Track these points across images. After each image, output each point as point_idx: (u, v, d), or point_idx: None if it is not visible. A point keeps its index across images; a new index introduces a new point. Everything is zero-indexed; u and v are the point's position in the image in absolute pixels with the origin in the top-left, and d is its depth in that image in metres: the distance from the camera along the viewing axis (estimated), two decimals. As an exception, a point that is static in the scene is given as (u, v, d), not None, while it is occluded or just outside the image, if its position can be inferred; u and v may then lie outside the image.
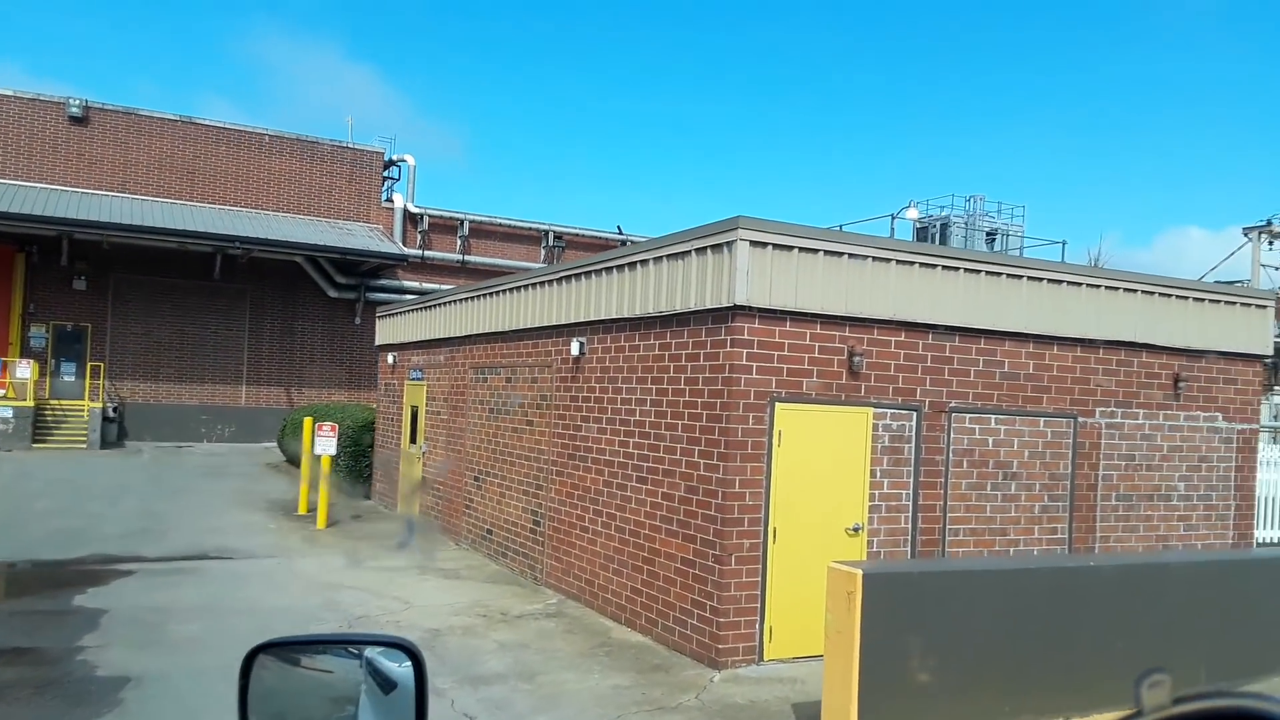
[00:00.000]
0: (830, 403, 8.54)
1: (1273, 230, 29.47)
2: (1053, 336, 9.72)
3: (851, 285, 8.57)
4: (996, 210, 56.87)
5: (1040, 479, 9.73)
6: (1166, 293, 10.42)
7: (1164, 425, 10.48)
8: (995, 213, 57.19)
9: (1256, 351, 11.11)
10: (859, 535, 8.69)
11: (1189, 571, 6.89)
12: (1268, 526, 12.15)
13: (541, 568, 11.12)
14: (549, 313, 11.23)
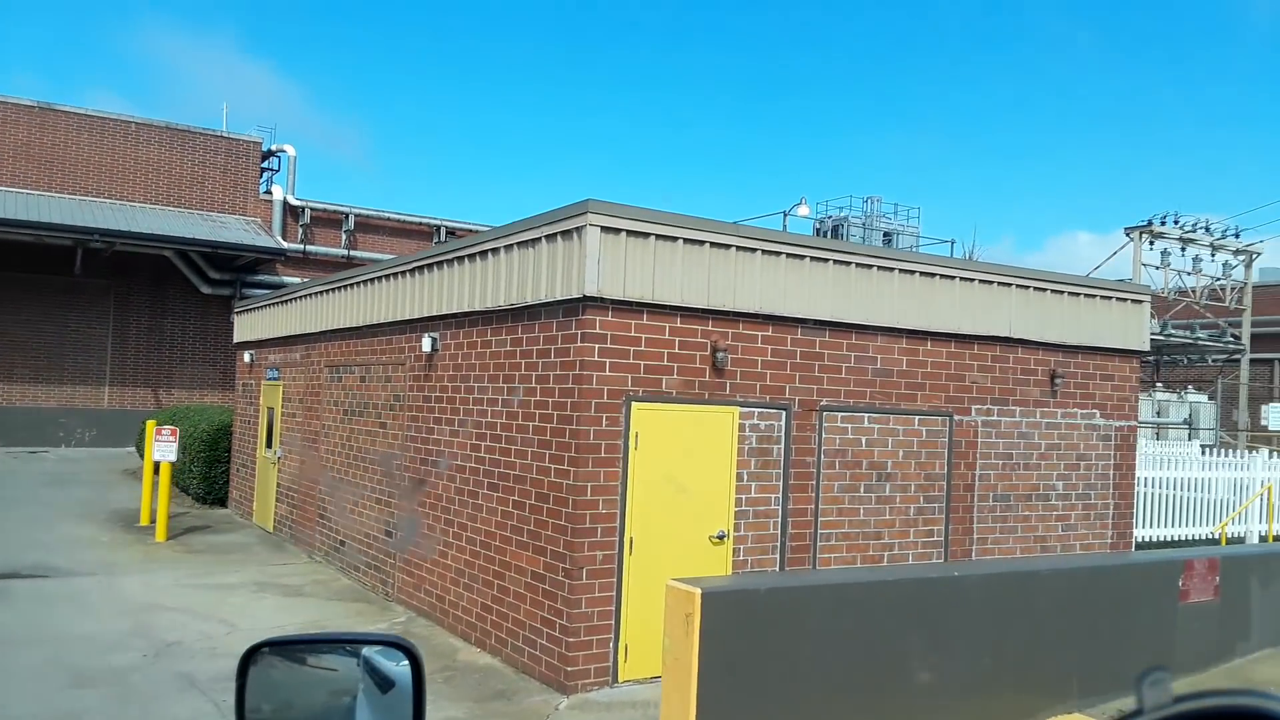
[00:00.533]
0: (692, 402, 7.92)
1: (1153, 230, 30.26)
2: (927, 332, 9.33)
3: (715, 276, 7.97)
4: (893, 212, 57.79)
5: (916, 480, 9.32)
6: (1042, 287, 10.15)
7: (1041, 423, 10.22)
8: (892, 214, 58.19)
9: (1134, 347, 10.97)
10: (724, 543, 8.10)
11: (1059, 579, 6.49)
12: (1149, 525, 12.13)
13: (393, 582, 10.25)
14: (402, 306, 10.36)
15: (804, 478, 8.59)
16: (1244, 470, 12.55)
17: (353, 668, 1.86)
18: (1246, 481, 12.57)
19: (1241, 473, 12.53)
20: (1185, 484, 12.61)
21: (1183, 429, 28.97)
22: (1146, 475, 11.91)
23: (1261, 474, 12.54)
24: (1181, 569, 7.13)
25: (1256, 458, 12.74)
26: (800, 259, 8.47)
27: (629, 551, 7.55)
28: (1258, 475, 12.53)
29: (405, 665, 1.79)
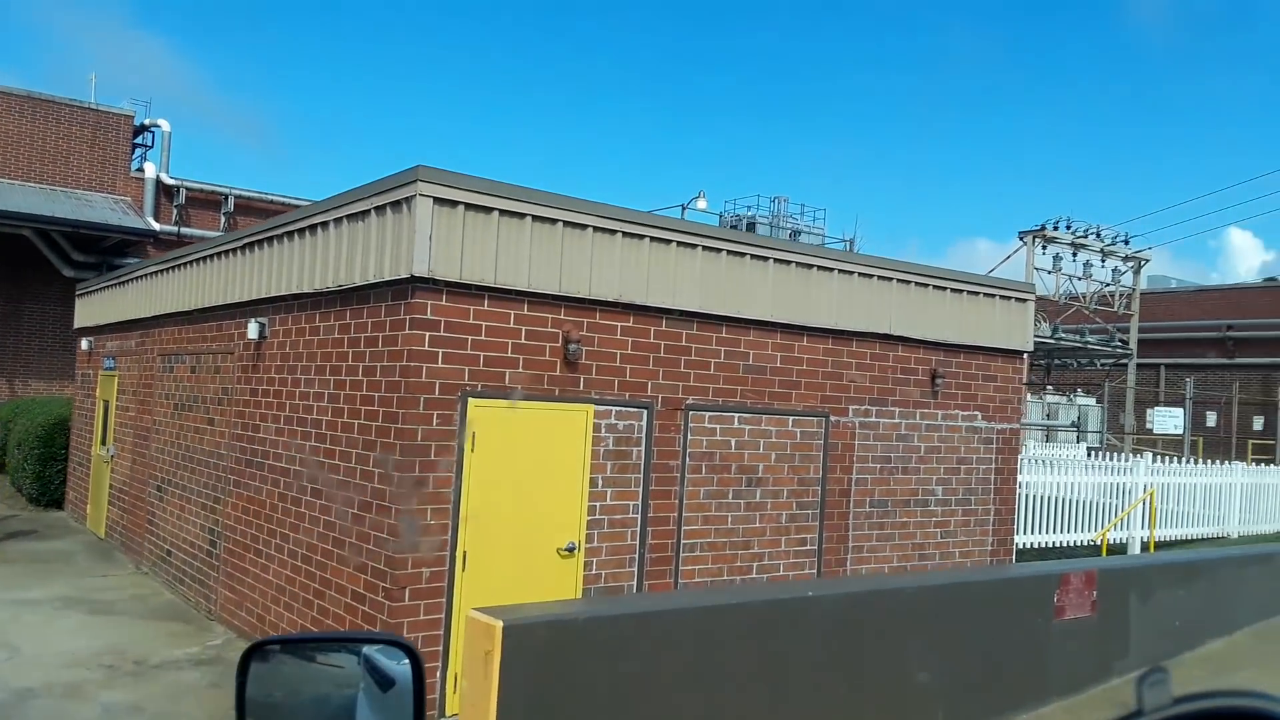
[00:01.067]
0: (541, 398, 7.12)
1: (1045, 235, 30.72)
2: (803, 326, 8.72)
3: (569, 259, 7.19)
4: (799, 212, 58.03)
5: (789, 484, 8.71)
6: (924, 283, 9.66)
7: (922, 425, 9.74)
8: (798, 214, 58.42)
9: (1017, 347, 10.60)
10: (574, 556, 7.33)
11: (923, 597, 5.90)
12: (1038, 530, 11.82)
13: (216, 599, 9.18)
14: (232, 287, 9.30)
15: (667, 483, 7.88)
16: (1127, 475, 12.39)
17: (353, 666, 1.87)
18: (1129, 486, 12.41)
19: (1124, 477, 12.37)
20: (1069, 488, 12.36)
21: (1071, 432, 29.46)
22: (1028, 480, 11.61)
23: (1144, 479, 12.40)
24: (1057, 583, 6.64)
25: (1139, 463, 12.60)
26: (666, 244, 7.75)
27: (462, 568, 6.70)
28: (1139, 480, 12.39)
29: (406, 664, 1.79)
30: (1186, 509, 13.36)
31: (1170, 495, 13.15)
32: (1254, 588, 8.52)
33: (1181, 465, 14.44)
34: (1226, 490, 13.91)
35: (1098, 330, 33.61)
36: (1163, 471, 13.09)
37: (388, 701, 1.81)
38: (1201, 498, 13.61)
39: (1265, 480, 14.53)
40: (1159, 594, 7.51)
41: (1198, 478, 13.42)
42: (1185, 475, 13.32)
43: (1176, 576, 7.69)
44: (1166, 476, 12.96)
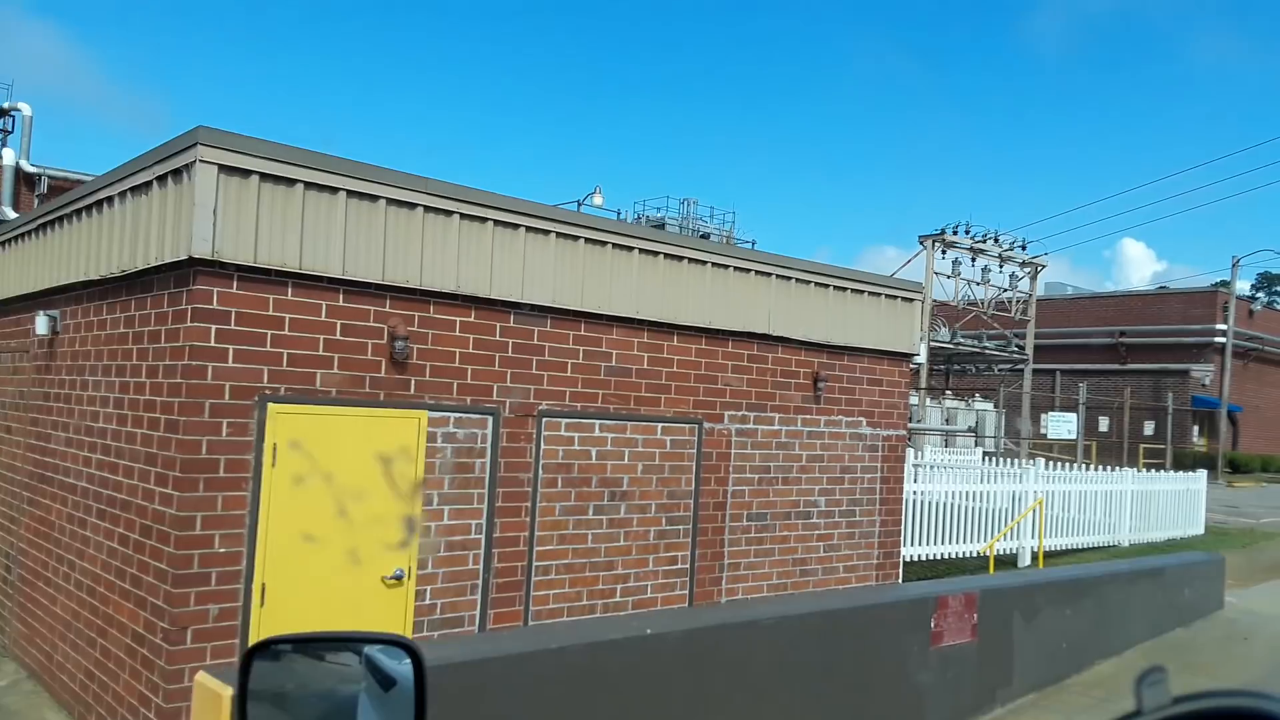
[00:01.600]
0: (361, 403, 6.20)
1: (945, 239, 30.84)
2: (673, 325, 7.98)
3: (396, 243, 6.29)
4: (709, 215, 57.82)
5: (657, 498, 7.95)
6: (806, 279, 9.04)
7: (803, 432, 9.10)
8: (708, 216, 58.17)
9: (904, 350, 10.07)
10: (404, 585, 6.41)
11: (785, 629, 5.19)
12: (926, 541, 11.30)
13: (10, 631, 7.98)
14: (27, 276, 8.12)
15: (516, 498, 7.03)
16: (1018, 483, 12.03)
17: (355, 666, 1.88)
18: (1020, 494, 12.07)
19: (1015, 485, 12.01)
20: (959, 497, 11.93)
21: (970, 436, 29.59)
22: (917, 489, 11.13)
23: (1034, 486, 12.07)
24: (934, 607, 6.01)
25: (1030, 470, 12.28)
26: (514, 229, 6.91)
27: (260, 604, 5.73)
28: (1030, 488, 12.04)
29: (407, 664, 1.77)
30: (1077, 516, 13.09)
31: (1061, 503, 12.86)
32: (1144, 604, 8.10)
33: (1072, 472, 14.23)
34: (1117, 498, 13.71)
35: (996, 336, 34.02)
36: (1054, 479, 12.78)
37: (389, 701, 1.81)
38: (1092, 505, 13.37)
39: (1155, 487, 14.41)
40: (1045, 614, 6.98)
41: (1088, 485, 13.17)
42: (1076, 483, 13.05)
43: (1063, 595, 7.18)
44: (1057, 484, 12.66)
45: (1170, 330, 41.90)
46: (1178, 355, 41.82)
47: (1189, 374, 40.78)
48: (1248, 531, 15.80)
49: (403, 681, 1.77)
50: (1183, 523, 15.02)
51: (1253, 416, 43.97)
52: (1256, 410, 44.44)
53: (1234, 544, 14.30)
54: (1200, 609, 8.90)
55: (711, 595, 8.38)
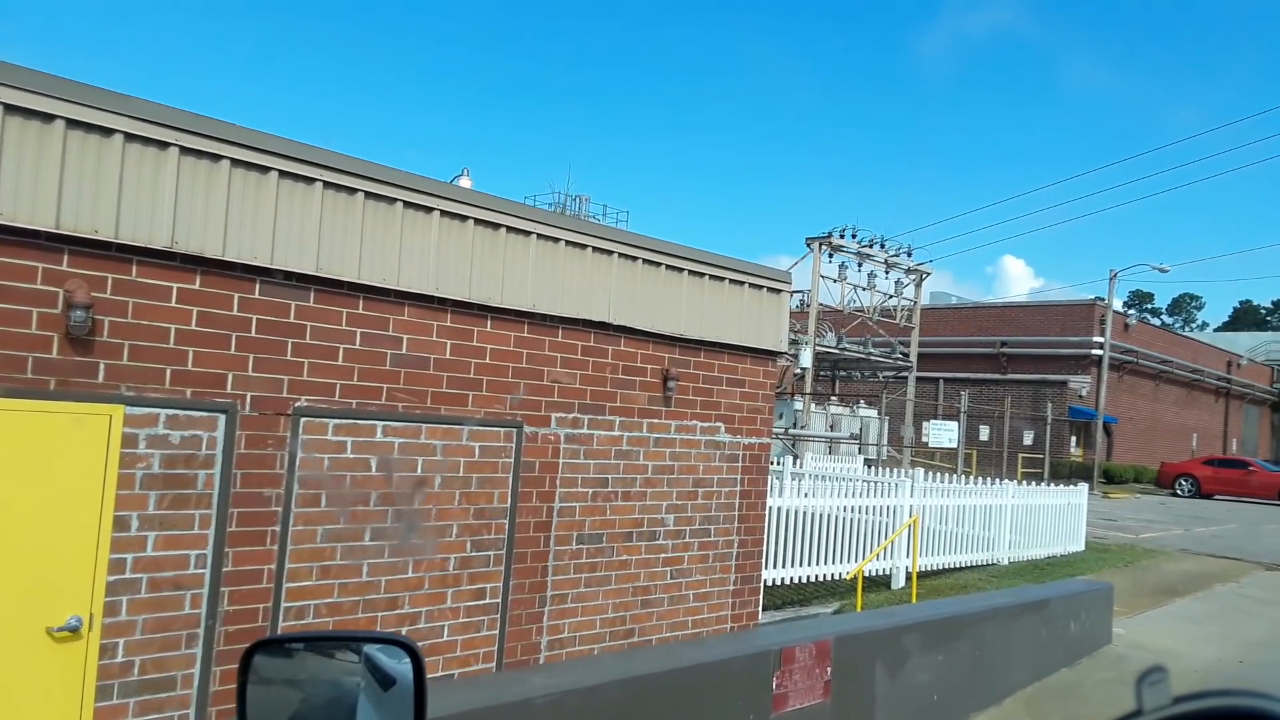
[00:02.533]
0: (24, 394, 4.55)
1: (832, 243, 30.24)
2: (486, 307, 6.55)
3: (77, 180, 4.66)
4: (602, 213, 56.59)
5: (461, 518, 6.49)
6: (655, 260, 7.72)
7: (650, 438, 7.77)
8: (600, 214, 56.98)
9: (770, 347, 8.86)
10: (83, 638, 4.78)
11: (573, 704, 3.79)
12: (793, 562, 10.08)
13: None
14: None
15: (259, 521, 5.46)
16: (893, 496, 10.97)
17: (354, 665, 1.88)
18: (895, 508, 11.04)
19: (890, 499, 10.96)
20: (833, 510, 10.81)
21: (853, 444, 28.98)
22: (782, 506, 9.94)
23: (910, 500, 11.06)
24: (776, 663, 4.73)
25: (906, 483, 11.26)
26: (262, 172, 5.35)
27: None
28: (905, 502, 11.03)
29: (407, 663, 1.80)
30: (955, 530, 12.17)
31: (938, 518, 11.90)
32: (1027, 643, 7.04)
33: (951, 485, 13.37)
34: (997, 513, 12.86)
35: (881, 342, 33.69)
36: (931, 493, 11.81)
37: (389, 701, 1.81)
38: (971, 520, 12.48)
39: (1036, 502, 13.66)
40: (914, 662, 5.80)
41: (967, 499, 12.27)
42: (954, 496, 12.12)
43: (935, 638, 6.01)
44: (934, 498, 11.68)
45: (1050, 341, 42.57)
46: (1057, 366, 42.52)
47: (1067, 385, 41.46)
48: (1128, 548, 15.25)
49: (402, 681, 1.79)
50: (1063, 538, 14.33)
51: (1127, 427, 45.09)
52: (1131, 421, 45.61)
53: (1116, 561, 13.66)
54: (1087, 644, 7.92)
55: (529, 635, 6.95)
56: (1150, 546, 15.86)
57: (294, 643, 1.99)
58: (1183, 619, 9.89)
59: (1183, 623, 9.68)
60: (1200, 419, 52.32)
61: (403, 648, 1.81)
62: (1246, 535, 19.51)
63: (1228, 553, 15.74)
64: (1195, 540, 17.74)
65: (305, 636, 2.19)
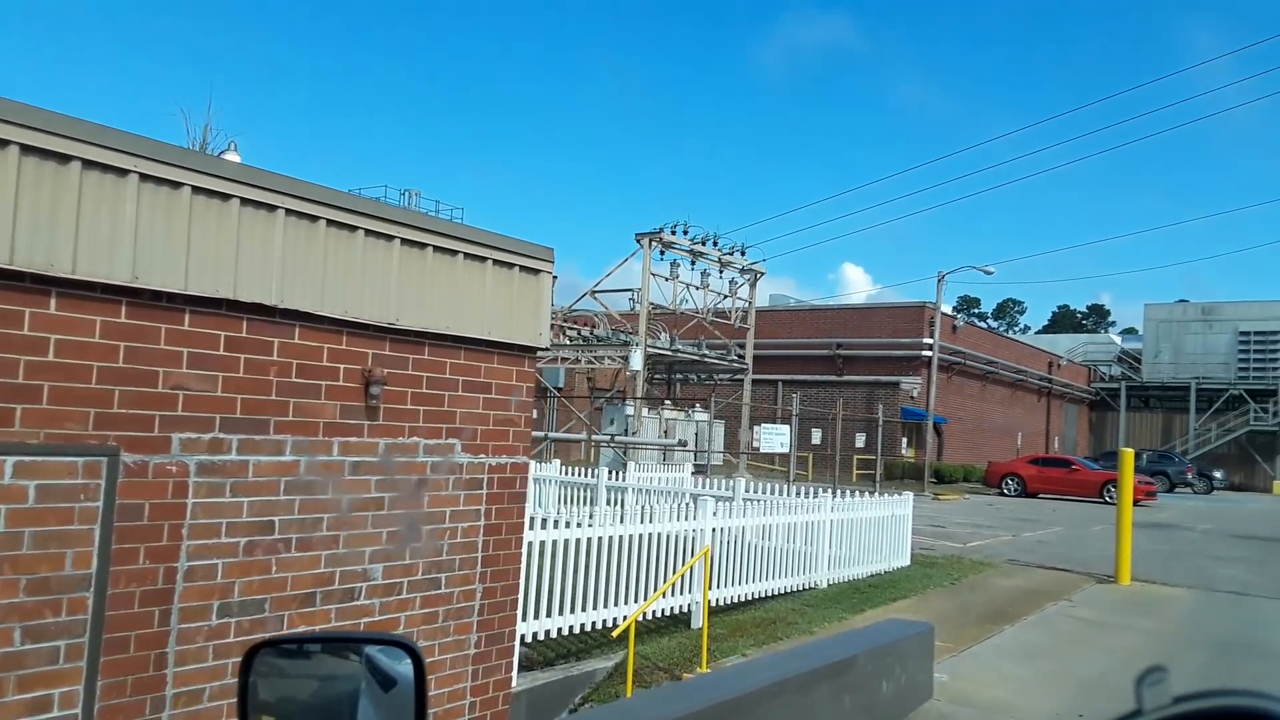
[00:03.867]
0: None
1: (663, 239, 28.82)
2: (50, 279, 4.41)
3: None
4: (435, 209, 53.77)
5: (7, 594, 4.32)
6: (351, 223, 5.73)
7: (345, 463, 5.77)
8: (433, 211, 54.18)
9: (525, 341, 7.02)
10: None
11: None
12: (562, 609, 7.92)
13: None
14: None
15: None
16: (688, 521, 9.27)
17: (355, 667, 1.88)
18: (695, 534, 9.38)
19: (683, 524, 9.27)
20: (625, 538, 9.05)
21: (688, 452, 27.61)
22: (546, 537, 8.08)
23: (710, 523, 9.43)
24: None
25: (708, 503, 9.62)
26: None
27: None
28: (706, 525, 9.39)
29: (407, 664, 1.81)
30: (768, 545, 10.68)
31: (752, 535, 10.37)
32: (828, 717, 5.44)
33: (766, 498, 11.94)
34: (816, 530, 11.48)
35: (717, 344, 32.65)
36: (737, 511, 10.24)
37: (389, 702, 1.81)
38: (788, 538, 11.03)
39: (859, 515, 12.37)
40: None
41: (779, 517, 10.78)
42: (764, 515, 10.61)
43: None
44: (739, 518, 10.12)
45: (883, 343, 42.82)
46: (890, 368, 42.80)
47: (899, 386, 41.74)
48: (956, 560, 14.25)
49: (403, 682, 1.81)
50: (889, 553, 13.15)
51: (956, 427, 45.93)
52: (960, 421, 46.51)
53: (942, 578, 12.54)
54: (903, 704, 6.46)
55: (133, 755, 4.82)
56: (978, 558, 14.96)
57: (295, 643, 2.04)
58: (1013, 654, 8.65)
59: (1013, 660, 8.43)
60: (1025, 418, 54.19)
61: (404, 649, 1.84)
62: (1073, 540, 19.13)
63: (1057, 562, 15.02)
64: (1023, 548, 17.08)
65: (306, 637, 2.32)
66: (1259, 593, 12.96)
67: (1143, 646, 9.30)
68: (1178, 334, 58.62)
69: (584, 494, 16.87)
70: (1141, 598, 12.10)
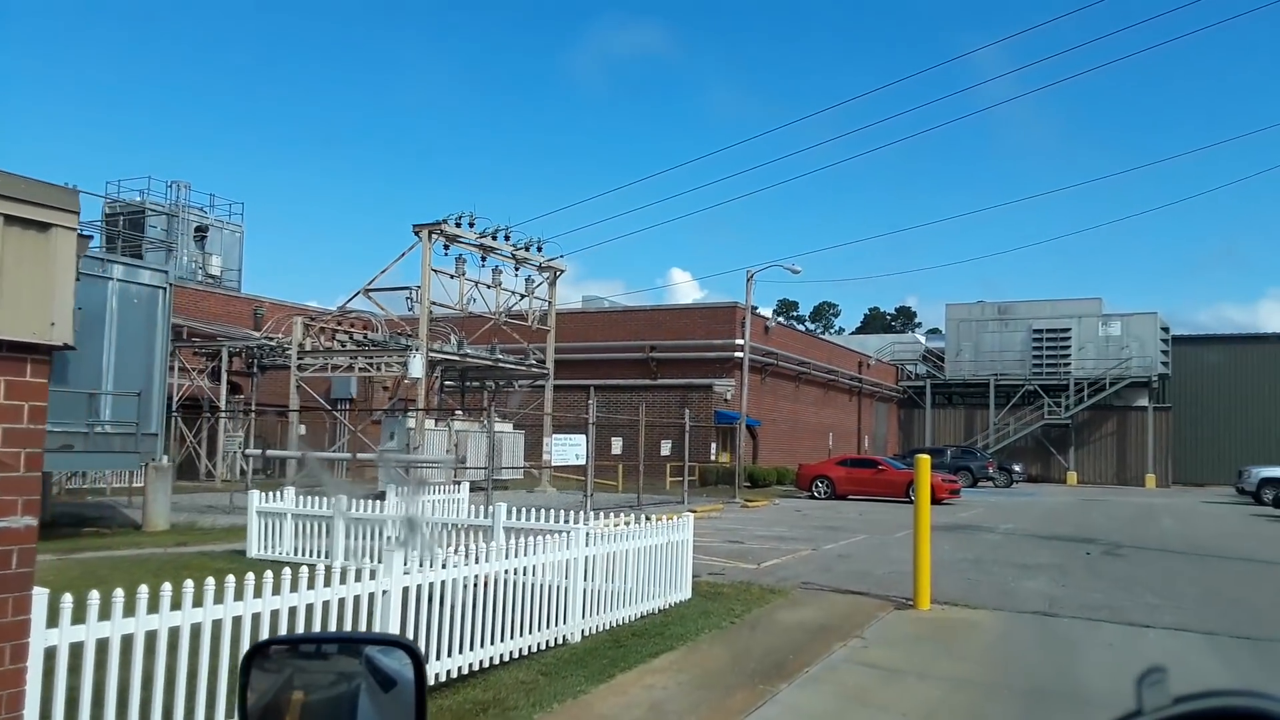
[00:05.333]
0: None
1: (446, 231, 26.11)
2: None
3: None
4: (209, 203, 48.82)
5: None
6: None
7: None
8: (208, 205, 49.22)
9: (26, 337, 4.45)
10: None
11: None
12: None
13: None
14: None
15: None
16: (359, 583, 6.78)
17: (355, 667, 1.90)
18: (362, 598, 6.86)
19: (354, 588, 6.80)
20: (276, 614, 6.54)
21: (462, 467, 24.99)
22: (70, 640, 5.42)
23: (400, 582, 6.96)
24: None
25: (394, 554, 7.21)
26: None
27: None
28: (394, 585, 6.91)
29: (407, 664, 1.82)
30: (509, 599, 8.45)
31: (471, 592, 8.11)
32: None
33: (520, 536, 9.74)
34: (571, 567, 9.34)
35: (515, 349, 30.30)
36: (446, 564, 7.88)
37: (389, 702, 1.83)
38: (533, 578, 8.82)
39: (623, 546, 10.28)
40: None
41: (508, 562, 8.53)
42: (485, 562, 8.32)
43: None
44: (441, 571, 7.76)
45: (696, 345, 41.66)
46: (704, 370, 41.67)
47: (712, 388, 40.66)
48: (744, 588, 12.46)
49: (402, 683, 1.82)
50: (666, 587, 11.19)
51: (770, 429, 45.37)
52: (774, 423, 46.00)
53: (723, 615, 10.67)
54: None
55: None
56: (771, 582, 13.25)
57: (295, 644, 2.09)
58: (786, 735, 6.73)
59: (785, 747, 6.49)
60: (837, 418, 54.59)
61: (403, 649, 1.88)
62: (876, 550, 17.89)
63: (855, 583, 13.52)
64: (823, 564, 15.59)
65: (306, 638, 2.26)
66: (1066, 610, 11.80)
67: (942, 703, 7.63)
68: (977, 333, 60.81)
69: (321, 528, 14.15)
70: (943, 628, 10.63)
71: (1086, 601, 12.39)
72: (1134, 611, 11.74)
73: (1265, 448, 54.69)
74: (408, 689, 1.78)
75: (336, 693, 1.88)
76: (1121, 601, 12.46)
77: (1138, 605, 12.22)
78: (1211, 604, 12.64)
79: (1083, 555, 18.01)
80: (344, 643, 2.15)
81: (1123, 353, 56.55)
